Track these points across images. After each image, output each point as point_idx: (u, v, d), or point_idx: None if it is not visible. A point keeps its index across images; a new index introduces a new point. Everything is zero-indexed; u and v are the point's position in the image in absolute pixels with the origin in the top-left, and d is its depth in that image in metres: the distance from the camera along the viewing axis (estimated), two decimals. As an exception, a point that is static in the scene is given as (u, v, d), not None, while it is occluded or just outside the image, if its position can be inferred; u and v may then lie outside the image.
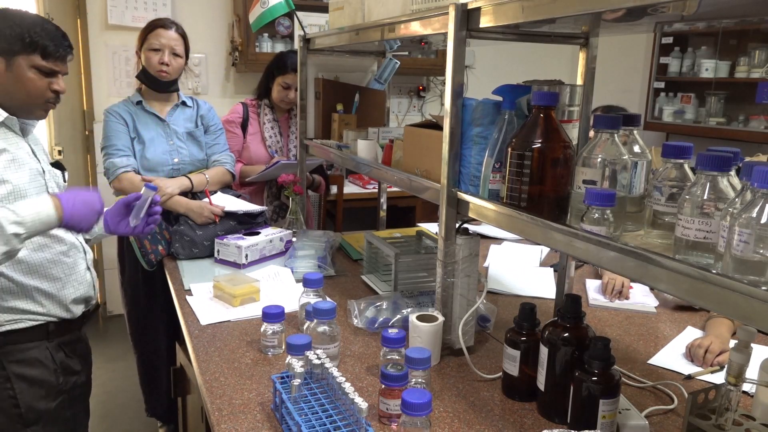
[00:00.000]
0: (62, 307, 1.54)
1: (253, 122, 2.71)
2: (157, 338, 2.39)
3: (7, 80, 1.40)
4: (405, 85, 4.40)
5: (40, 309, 1.49)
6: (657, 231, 1.02)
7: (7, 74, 1.40)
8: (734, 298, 0.76)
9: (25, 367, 1.47)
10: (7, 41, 1.37)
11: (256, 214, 2.26)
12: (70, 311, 1.56)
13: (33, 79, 1.42)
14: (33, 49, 1.39)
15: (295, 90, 2.60)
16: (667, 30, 3.73)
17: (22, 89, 1.42)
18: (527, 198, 1.17)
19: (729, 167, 0.90)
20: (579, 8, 1.02)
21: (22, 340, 1.47)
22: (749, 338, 1.11)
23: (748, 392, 1.28)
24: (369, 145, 1.94)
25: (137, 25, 3.43)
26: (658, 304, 1.87)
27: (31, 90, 1.42)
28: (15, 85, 1.41)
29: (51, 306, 1.51)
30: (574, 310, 1.19)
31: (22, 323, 1.47)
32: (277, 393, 1.17)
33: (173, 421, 2.45)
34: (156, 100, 2.33)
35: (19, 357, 1.46)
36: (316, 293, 1.54)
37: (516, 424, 1.21)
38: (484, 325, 1.60)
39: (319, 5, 3.69)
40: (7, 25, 1.37)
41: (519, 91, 1.31)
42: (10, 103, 1.44)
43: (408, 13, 1.58)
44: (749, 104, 3.75)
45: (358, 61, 2.50)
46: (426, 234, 2.05)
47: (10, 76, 1.40)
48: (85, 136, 3.77)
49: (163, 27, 2.26)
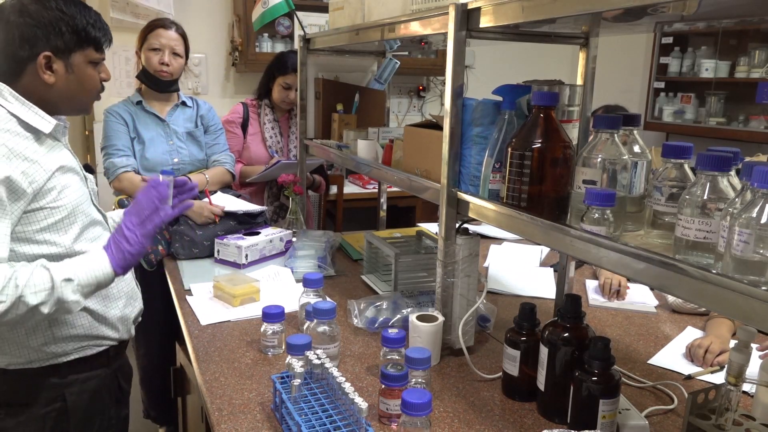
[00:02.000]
0: (125, 327, 1.42)
1: (253, 122, 2.71)
2: (156, 338, 2.39)
3: (69, 83, 1.26)
4: (405, 85, 4.40)
5: (106, 333, 1.36)
6: (657, 231, 1.02)
7: (69, 77, 1.26)
8: (734, 298, 0.76)
9: (85, 399, 1.35)
10: (62, 38, 1.22)
11: (256, 214, 2.26)
12: (130, 331, 1.45)
13: (92, 75, 1.29)
14: (88, 43, 1.26)
15: (296, 90, 2.61)
16: (667, 30, 3.73)
17: (83, 89, 1.30)
18: (527, 198, 1.17)
19: (729, 167, 0.89)
20: (579, 8, 1.02)
21: (86, 368, 1.34)
22: (749, 338, 1.11)
23: (748, 392, 1.28)
24: (369, 145, 1.94)
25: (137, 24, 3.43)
26: (658, 304, 1.87)
27: (91, 87, 1.31)
28: (78, 87, 1.28)
29: (118, 327, 1.39)
30: (574, 310, 1.19)
31: (89, 350, 1.34)
32: (277, 393, 1.17)
33: (173, 422, 2.45)
34: (156, 100, 2.33)
35: (81, 388, 1.34)
36: (316, 293, 1.54)
37: (516, 424, 1.21)
38: (484, 325, 1.60)
39: (319, 5, 3.69)
40: (53, 18, 1.21)
41: (519, 91, 1.31)
42: (70, 106, 1.31)
43: (408, 13, 1.58)
44: (749, 104, 3.75)
45: (358, 61, 2.50)
46: (426, 234, 2.05)
47: (72, 78, 1.26)
48: (85, 136, 3.77)
49: (163, 27, 2.26)
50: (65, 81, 1.26)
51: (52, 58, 1.23)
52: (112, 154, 2.22)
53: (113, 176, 2.21)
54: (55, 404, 1.31)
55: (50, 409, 1.31)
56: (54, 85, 1.25)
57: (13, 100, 1.23)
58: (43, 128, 1.24)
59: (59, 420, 1.32)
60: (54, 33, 1.22)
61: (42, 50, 1.22)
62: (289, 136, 2.75)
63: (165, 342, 2.34)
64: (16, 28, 1.21)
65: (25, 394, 1.29)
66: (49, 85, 1.25)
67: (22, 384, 1.29)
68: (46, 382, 1.30)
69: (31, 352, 1.27)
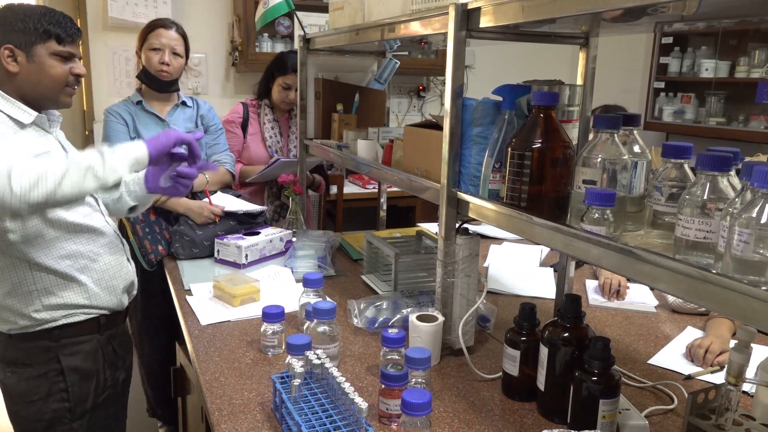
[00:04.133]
0: (113, 298, 1.56)
1: (253, 122, 2.71)
2: (157, 338, 2.39)
3: (31, 71, 1.45)
4: (405, 85, 4.40)
5: (93, 302, 1.51)
6: (657, 231, 1.02)
7: (30, 65, 1.44)
8: (734, 298, 0.76)
9: (78, 360, 1.50)
10: (23, 34, 1.42)
11: (256, 214, 2.26)
12: (120, 302, 1.59)
13: (54, 66, 1.46)
14: (48, 37, 1.44)
15: (296, 90, 2.60)
16: (667, 30, 3.73)
17: (46, 77, 1.46)
18: (527, 198, 1.17)
19: (729, 167, 0.89)
20: (579, 8, 1.02)
21: (76, 333, 1.50)
22: (749, 338, 1.11)
23: (748, 392, 1.28)
24: (369, 145, 1.94)
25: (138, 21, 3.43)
26: (658, 304, 1.87)
27: (54, 76, 1.47)
28: (39, 74, 1.45)
29: (103, 298, 1.53)
30: (574, 310, 1.19)
31: (76, 317, 1.49)
32: (277, 393, 1.17)
33: (173, 422, 2.45)
34: (156, 100, 2.33)
35: (73, 350, 1.50)
36: (316, 293, 1.54)
37: (516, 424, 1.21)
38: (484, 325, 1.60)
39: (319, 5, 3.69)
40: (18, 19, 1.43)
41: (519, 91, 1.31)
42: (37, 94, 1.47)
43: (408, 13, 1.58)
44: (749, 104, 3.75)
45: (358, 61, 2.50)
46: (426, 234, 2.05)
47: (33, 66, 1.44)
48: (85, 136, 3.77)
49: (164, 27, 2.26)
50: (27, 70, 1.45)
51: (14, 50, 1.43)
52: (112, 154, 2.22)
53: (113, 176, 2.21)
54: (52, 365, 1.48)
55: (48, 369, 1.48)
56: (18, 74, 1.44)
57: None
58: (23, 119, 1.45)
59: (56, 380, 1.49)
60: (15, 29, 1.42)
61: (2, 44, 1.42)
62: (288, 136, 2.75)
63: (166, 342, 2.35)
64: None
65: (25, 355, 1.48)
66: (14, 74, 1.44)
67: (22, 346, 1.47)
68: (41, 345, 1.48)
69: (24, 318, 1.45)
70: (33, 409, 1.48)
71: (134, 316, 2.38)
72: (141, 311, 2.36)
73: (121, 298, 1.59)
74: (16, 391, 1.48)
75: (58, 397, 1.49)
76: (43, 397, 1.48)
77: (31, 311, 1.44)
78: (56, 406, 1.49)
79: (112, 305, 1.56)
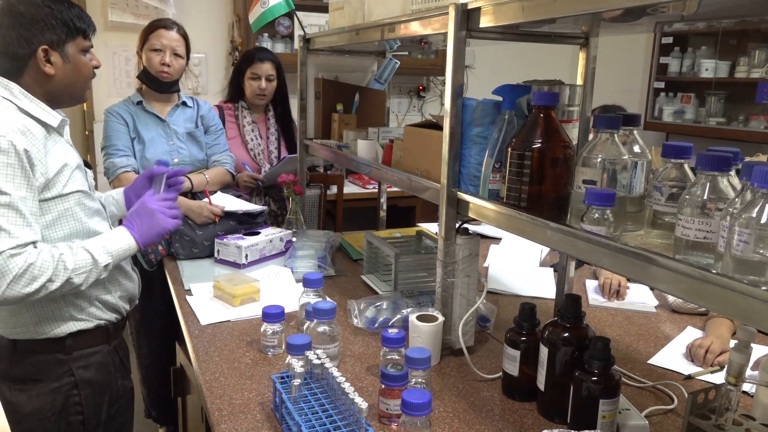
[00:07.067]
0: (120, 306, 1.52)
1: (231, 126, 2.67)
2: (155, 339, 2.39)
3: (67, 72, 1.36)
4: (405, 85, 4.40)
5: (103, 314, 1.46)
6: (657, 231, 1.02)
7: (66, 66, 1.35)
8: (734, 298, 0.76)
9: (91, 373, 1.45)
10: (53, 31, 1.32)
11: (256, 214, 2.26)
12: (125, 310, 1.55)
13: (86, 63, 1.39)
14: (77, 33, 1.36)
15: (266, 79, 2.61)
16: (667, 30, 3.73)
17: (80, 76, 1.39)
18: (527, 198, 1.17)
19: (729, 167, 0.89)
20: (579, 8, 1.02)
21: (88, 344, 1.44)
22: (749, 338, 1.11)
23: (748, 392, 1.28)
24: (369, 145, 1.94)
25: (137, 24, 3.43)
26: (658, 304, 1.87)
27: (86, 75, 1.41)
28: (74, 75, 1.37)
29: (113, 307, 1.49)
30: (574, 310, 1.19)
31: (89, 323, 1.44)
32: (277, 393, 1.17)
33: (171, 422, 2.45)
34: (156, 100, 2.33)
35: (86, 362, 1.44)
36: (316, 293, 1.54)
37: (516, 424, 1.21)
38: (484, 325, 1.60)
39: (319, 5, 3.69)
40: (43, 15, 1.30)
41: (519, 91, 1.31)
42: (67, 94, 1.40)
43: (408, 13, 1.58)
44: (749, 104, 3.75)
45: (358, 61, 2.50)
46: (426, 234, 2.05)
47: (69, 67, 1.36)
48: (85, 136, 3.77)
49: (165, 27, 2.26)
50: (64, 71, 1.36)
51: (49, 51, 1.32)
52: (113, 154, 2.22)
53: (113, 176, 2.21)
54: (65, 378, 1.41)
55: (61, 384, 1.41)
56: (54, 76, 1.34)
57: (23, 97, 1.32)
58: (51, 122, 1.35)
59: (70, 393, 1.42)
60: (47, 28, 1.31)
61: (39, 45, 1.31)
62: (268, 137, 2.73)
63: (165, 342, 2.34)
64: (12, 30, 1.30)
65: (34, 370, 1.40)
66: (50, 77, 1.34)
67: (31, 360, 1.40)
68: (53, 358, 1.40)
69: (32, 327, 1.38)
70: (47, 426, 1.41)
71: (132, 316, 2.38)
72: (140, 311, 2.36)
73: (126, 309, 1.56)
74: (26, 409, 1.40)
75: (73, 411, 1.43)
76: (57, 413, 1.41)
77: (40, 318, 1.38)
78: (72, 419, 1.43)
79: (118, 315, 1.52)
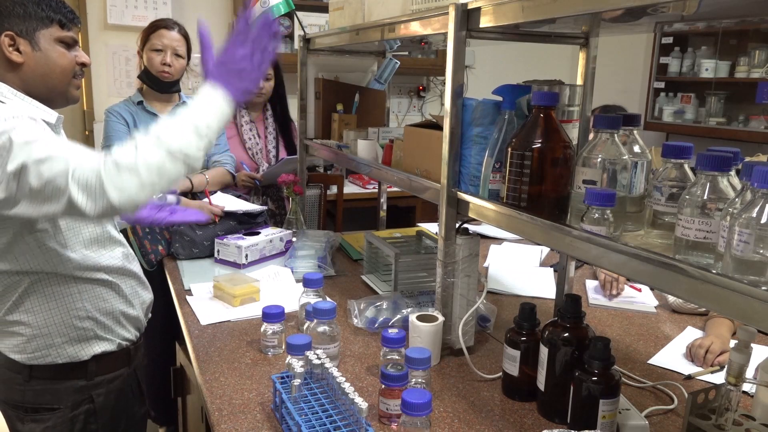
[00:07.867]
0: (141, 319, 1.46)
1: (229, 125, 2.62)
2: (153, 339, 2.38)
3: (37, 61, 1.28)
4: (405, 85, 4.40)
5: (126, 333, 1.40)
6: (657, 231, 1.02)
7: (36, 54, 1.27)
8: (734, 298, 0.76)
9: (111, 399, 1.39)
10: (22, 20, 1.26)
11: (256, 214, 2.26)
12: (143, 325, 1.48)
13: (62, 53, 1.30)
14: (50, 21, 1.29)
15: (264, 78, 2.42)
16: (667, 30, 3.73)
17: (55, 67, 1.30)
18: (527, 198, 1.17)
19: (729, 167, 0.89)
20: (579, 8, 1.02)
21: (110, 368, 1.38)
22: (749, 338, 1.11)
23: (748, 392, 1.28)
24: (369, 145, 1.94)
25: (137, 24, 3.43)
26: (658, 304, 1.87)
27: (63, 66, 1.31)
28: (47, 64, 1.29)
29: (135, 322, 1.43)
30: (574, 310, 1.19)
31: (112, 343, 1.38)
32: (277, 393, 1.17)
33: (173, 422, 2.45)
34: (157, 100, 2.33)
35: (106, 388, 1.38)
36: (316, 293, 1.54)
37: (516, 424, 1.21)
38: (484, 325, 1.60)
39: (319, 5, 3.69)
40: (15, 3, 1.26)
41: (519, 91, 1.31)
42: (46, 88, 1.31)
43: (408, 13, 1.58)
44: (749, 104, 3.75)
45: (358, 61, 2.50)
46: (426, 234, 2.05)
47: (39, 55, 1.28)
48: (85, 136, 3.77)
49: (166, 27, 2.26)
50: (34, 59, 1.27)
51: (15, 37, 1.25)
52: (113, 154, 2.22)
53: (113, 176, 2.20)
54: (84, 406, 1.34)
55: (79, 412, 1.34)
56: (24, 64, 1.27)
57: (12, 96, 1.26)
58: (48, 119, 1.27)
59: (87, 422, 1.35)
60: (13, 14, 1.25)
61: (2, 31, 1.24)
62: (266, 137, 2.73)
63: (165, 342, 2.34)
64: None
65: (51, 398, 1.32)
66: (19, 65, 1.26)
67: (48, 389, 1.31)
68: (73, 385, 1.33)
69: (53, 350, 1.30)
70: None
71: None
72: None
73: (144, 320, 1.49)
74: None
75: None
76: None
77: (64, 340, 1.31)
78: None
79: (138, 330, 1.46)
